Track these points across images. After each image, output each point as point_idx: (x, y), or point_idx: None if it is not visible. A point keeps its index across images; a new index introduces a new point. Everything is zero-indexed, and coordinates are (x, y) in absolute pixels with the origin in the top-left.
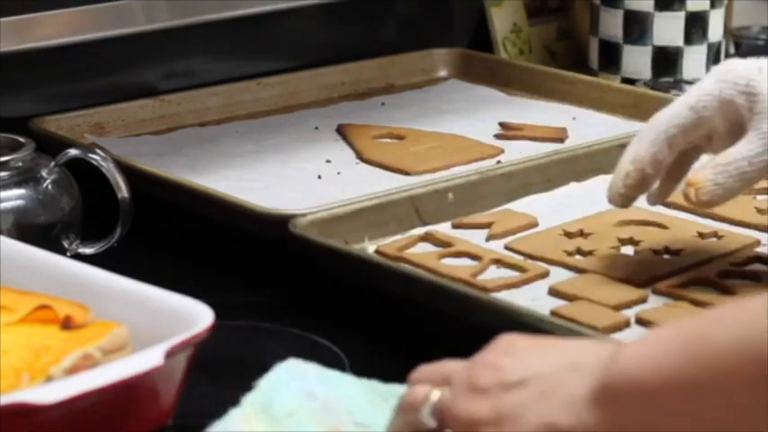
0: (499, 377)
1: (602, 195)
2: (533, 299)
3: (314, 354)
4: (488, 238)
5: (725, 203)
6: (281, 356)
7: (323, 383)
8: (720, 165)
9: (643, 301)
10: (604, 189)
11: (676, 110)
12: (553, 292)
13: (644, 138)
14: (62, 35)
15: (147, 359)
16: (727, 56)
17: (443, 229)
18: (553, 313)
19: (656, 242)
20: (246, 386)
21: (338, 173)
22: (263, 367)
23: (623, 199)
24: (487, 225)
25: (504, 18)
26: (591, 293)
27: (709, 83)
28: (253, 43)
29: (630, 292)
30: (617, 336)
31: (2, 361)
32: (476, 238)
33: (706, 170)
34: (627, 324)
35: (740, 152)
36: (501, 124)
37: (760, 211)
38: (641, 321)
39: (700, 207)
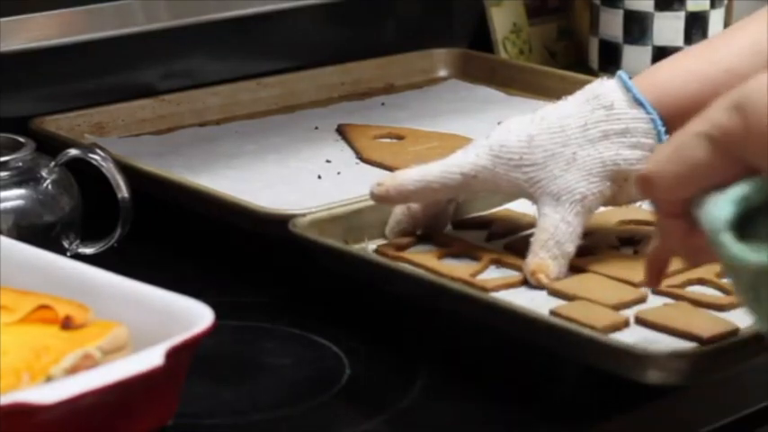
0: None
1: None
2: (533, 299)
3: (314, 354)
4: (488, 238)
5: None
6: (281, 356)
7: None
8: (544, 240)
9: (642, 300)
10: None
11: (449, 169)
12: (553, 292)
13: (414, 171)
14: (62, 35)
15: (147, 359)
16: None
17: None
18: (552, 313)
19: None
20: (246, 386)
21: (338, 173)
22: (262, 367)
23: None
24: (487, 225)
25: (504, 18)
26: (590, 293)
27: (484, 156)
28: (253, 43)
29: (630, 292)
30: (616, 335)
31: (2, 361)
32: (475, 238)
33: (538, 254)
34: (626, 324)
35: (552, 221)
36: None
37: None
38: (641, 321)
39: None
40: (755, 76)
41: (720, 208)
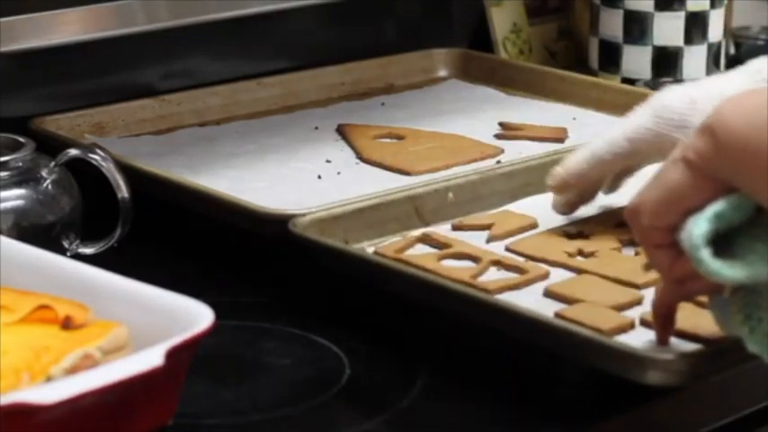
0: None
1: (602, 196)
2: (535, 301)
3: (314, 354)
4: (489, 240)
5: None
6: (281, 356)
7: None
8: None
9: (638, 302)
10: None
11: (614, 138)
12: (549, 294)
13: (581, 152)
14: (62, 35)
15: (147, 359)
16: (728, 56)
17: (442, 230)
18: (557, 315)
19: None
20: (246, 386)
21: (338, 173)
22: (262, 367)
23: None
24: (487, 227)
25: (504, 18)
26: (594, 295)
27: (646, 117)
28: (253, 43)
29: (626, 294)
30: (622, 338)
31: (2, 361)
32: (475, 240)
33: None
34: (632, 326)
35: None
36: (501, 124)
37: None
38: (646, 323)
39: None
40: (724, 100)
41: (698, 225)
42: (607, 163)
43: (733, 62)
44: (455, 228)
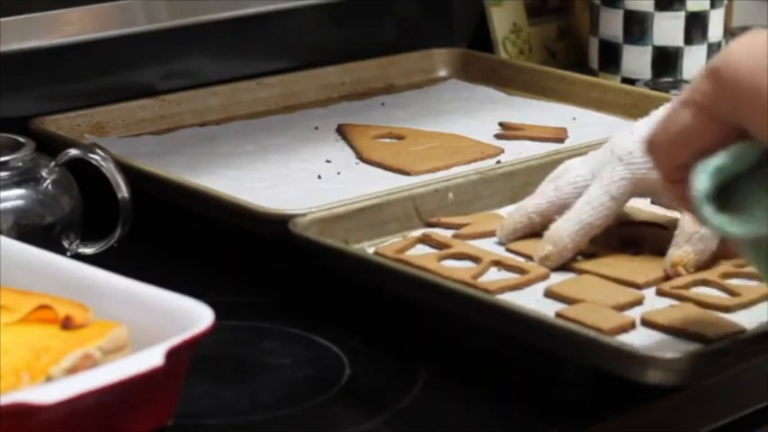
0: None
1: None
2: (536, 301)
3: (314, 354)
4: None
5: None
6: (281, 356)
7: None
8: (690, 234)
9: (639, 302)
10: None
11: (599, 200)
12: (550, 294)
13: (568, 224)
14: (62, 35)
15: (147, 359)
16: None
17: (443, 230)
18: (558, 315)
19: (659, 243)
20: (246, 386)
21: (338, 173)
22: (263, 367)
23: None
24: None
25: (504, 18)
26: (595, 295)
27: (618, 168)
28: (253, 43)
29: (627, 294)
30: (623, 337)
31: (2, 361)
32: (474, 240)
33: (681, 246)
34: (632, 326)
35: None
36: (501, 124)
37: None
38: (647, 323)
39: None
40: (730, 42)
41: (699, 180)
42: (597, 228)
43: None
44: (438, 225)
